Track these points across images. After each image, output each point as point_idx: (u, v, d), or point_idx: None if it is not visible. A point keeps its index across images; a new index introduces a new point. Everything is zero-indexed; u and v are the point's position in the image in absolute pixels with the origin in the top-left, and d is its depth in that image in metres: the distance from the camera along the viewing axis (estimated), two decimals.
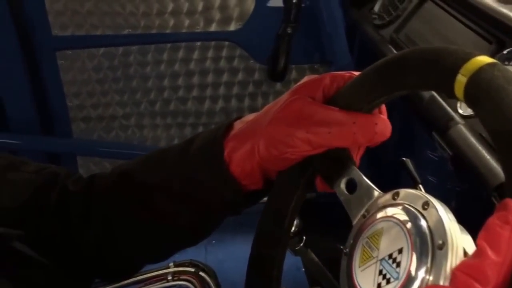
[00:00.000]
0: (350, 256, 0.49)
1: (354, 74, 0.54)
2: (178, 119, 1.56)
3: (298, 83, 0.57)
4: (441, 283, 0.39)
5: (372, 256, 0.46)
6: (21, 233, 0.53)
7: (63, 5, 1.33)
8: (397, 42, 1.15)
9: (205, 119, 1.57)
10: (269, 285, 0.56)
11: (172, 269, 1.42)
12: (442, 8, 1.09)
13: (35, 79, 1.40)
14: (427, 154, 1.11)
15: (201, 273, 1.41)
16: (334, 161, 0.54)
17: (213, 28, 1.41)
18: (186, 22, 1.39)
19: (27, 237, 0.55)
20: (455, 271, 0.32)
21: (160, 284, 1.41)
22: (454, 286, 0.32)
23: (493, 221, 0.32)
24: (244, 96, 1.55)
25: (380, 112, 0.54)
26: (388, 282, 0.43)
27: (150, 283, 1.40)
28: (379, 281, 0.44)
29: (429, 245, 0.41)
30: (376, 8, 1.29)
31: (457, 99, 0.40)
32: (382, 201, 0.49)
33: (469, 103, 0.39)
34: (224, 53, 1.46)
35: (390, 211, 0.47)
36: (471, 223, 0.44)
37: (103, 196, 0.63)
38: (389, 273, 0.43)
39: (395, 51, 1.14)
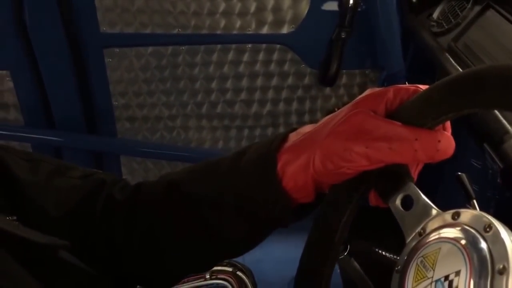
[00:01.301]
0: (402, 274, 0.50)
1: (420, 88, 0.55)
2: (224, 122, 1.59)
3: (360, 96, 0.58)
4: None
5: (427, 276, 0.47)
6: (67, 243, 0.55)
7: (112, 1, 1.37)
8: (455, 51, 1.15)
9: (251, 122, 1.60)
10: None
11: None
12: (504, 17, 1.08)
13: (81, 77, 1.44)
14: (471, 162, 1.10)
15: (239, 273, 1.44)
16: (391, 176, 0.55)
17: (265, 30, 1.43)
18: (238, 23, 1.41)
19: (72, 246, 0.58)
20: None
21: (198, 282, 1.44)
22: None
23: None
24: (293, 100, 1.56)
25: (444, 129, 0.54)
26: None
27: (188, 281, 1.44)
28: None
29: (489, 269, 0.42)
30: (435, 15, 1.29)
31: None
32: (440, 220, 0.50)
33: None
34: (275, 56, 1.48)
35: (449, 231, 0.48)
36: None
37: (149, 206, 0.66)
38: None
39: (452, 61, 1.13)
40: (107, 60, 1.45)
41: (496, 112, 0.92)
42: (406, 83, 1.44)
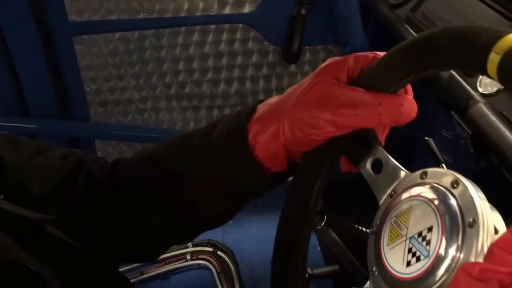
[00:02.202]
0: (378, 235, 0.49)
1: (379, 55, 0.54)
2: (193, 102, 1.56)
3: (322, 65, 0.56)
4: (472, 260, 0.39)
5: (401, 234, 0.46)
6: (54, 217, 0.54)
7: None
8: (414, 22, 1.14)
9: (220, 101, 1.57)
10: (296, 264, 0.56)
11: (190, 249, 1.44)
12: None
13: (53, 64, 1.40)
14: (442, 133, 1.11)
15: (219, 253, 1.43)
16: (359, 141, 0.54)
17: (227, 10, 1.39)
18: (200, 5, 1.38)
19: (58, 221, 0.56)
20: (493, 248, 0.32)
21: (179, 263, 1.42)
22: (491, 262, 0.31)
23: None
24: (259, 78, 1.54)
25: (406, 92, 0.53)
26: (418, 260, 0.43)
27: (170, 263, 1.42)
28: (408, 259, 0.44)
29: (460, 223, 0.41)
30: None
31: (490, 77, 0.40)
32: (409, 180, 0.49)
33: (503, 80, 0.39)
34: (238, 35, 1.45)
35: (418, 190, 0.47)
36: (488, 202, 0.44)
37: (128, 182, 0.64)
38: (419, 251, 0.43)
39: (411, 31, 1.12)
40: (77, 47, 1.41)
41: (459, 78, 0.91)
42: None
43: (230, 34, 1.45)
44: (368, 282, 0.49)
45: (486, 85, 0.88)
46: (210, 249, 1.44)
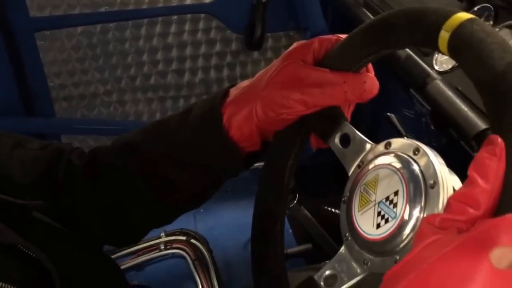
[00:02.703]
0: (349, 203, 0.53)
1: (341, 37, 0.58)
2: (159, 93, 1.58)
3: (289, 49, 0.60)
4: None
5: (370, 200, 0.50)
6: (43, 203, 0.56)
7: None
8: (371, 6, 1.19)
9: (185, 91, 1.59)
10: (275, 238, 0.60)
11: (163, 239, 1.46)
12: None
13: (15, 61, 1.38)
14: (403, 111, 1.16)
15: (193, 241, 1.46)
16: (328, 118, 0.58)
17: (189, 1, 1.41)
18: None
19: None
20: (450, 200, 0.37)
21: (153, 253, 1.44)
22: (449, 213, 0.36)
23: (481, 154, 0.36)
24: (223, 66, 1.57)
25: (368, 71, 0.58)
26: (386, 221, 0.48)
27: (143, 254, 1.44)
28: (378, 222, 0.48)
29: (422, 186, 0.46)
30: None
31: (442, 53, 0.45)
32: (375, 151, 0.53)
33: (453, 55, 0.43)
34: (200, 25, 1.47)
35: (384, 159, 0.51)
36: None
37: (108, 168, 0.66)
38: (387, 213, 0.48)
39: (369, 14, 1.17)
40: (39, 43, 1.40)
41: (416, 57, 0.96)
42: None
43: (192, 24, 1.47)
44: (342, 247, 0.53)
45: (442, 62, 0.94)
46: (183, 238, 1.47)
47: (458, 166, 0.55)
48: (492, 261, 0.31)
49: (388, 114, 0.77)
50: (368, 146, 0.55)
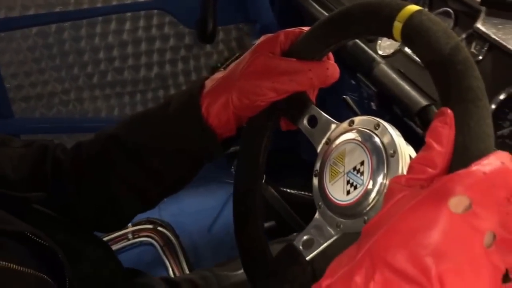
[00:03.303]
0: (320, 176, 0.60)
1: (304, 29, 0.64)
2: (116, 89, 1.60)
3: (257, 43, 0.66)
4: None
5: (339, 171, 0.57)
6: (42, 194, 0.59)
7: None
8: None
9: (142, 86, 1.62)
10: (255, 212, 0.66)
11: (130, 229, 1.49)
12: None
13: None
14: (352, 93, 1.24)
15: (159, 228, 1.50)
16: (296, 103, 0.64)
17: None
18: None
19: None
20: (412, 163, 0.44)
21: (122, 243, 1.47)
22: (412, 173, 0.43)
23: (435, 124, 0.43)
24: (177, 60, 1.60)
25: (328, 58, 0.64)
26: (355, 188, 0.54)
27: (112, 244, 1.47)
28: (348, 189, 0.55)
29: (384, 155, 0.53)
30: None
31: (395, 40, 0.51)
32: (340, 129, 0.60)
33: (406, 42, 0.50)
34: (154, 21, 1.50)
35: (349, 135, 0.58)
36: None
37: (93, 160, 0.70)
38: (355, 181, 0.55)
39: (316, 6, 1.24)
40: None
41: (362, 44, 1.03)
42: None
43: (146, 21, 1.50)
44: (316, 214, 0.60)
45: (385, 48, 1.02)
46: (150, 226, 1.50)
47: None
48: (451, 208, 0.38)
49: (344, 96, 0.84)
50: (333, 125, 0.61)
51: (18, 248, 0.54)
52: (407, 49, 0.97)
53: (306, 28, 0.64)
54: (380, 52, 1.01)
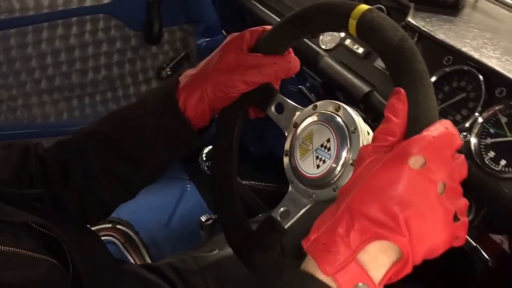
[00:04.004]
0: (290, 155, 0.69)
1: (266, 28, 0.73)
2: (64, 93, 1.61)
3: (225, 41, 0.74)
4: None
5: (309, 149, 0.66)
6: (40, 190, 0.64)
7: None
8: None
9: (90, 89, 1.64)
10: (232, 193, 0.74)
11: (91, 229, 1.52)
12: None
13: None
14: (289, 88, 1.33)
15: (118, 226, 1.54)
16: (264, 93, 0.73)
17: (88, 3, 1.47)
18: (61, 0, 1.44)
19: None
20: (375, 134, 0.53)
21: None
22: (376, 142, 0.53)
23: (391, 100, 0.53)
24: (124, 62, 1.64)
25: (289, 53, 0.73)
26: (324, 162, 0.64)
27: None
28: (317, 163, 0.64)
29: (346, 132, 0.63)
30: None
31: (351, 35, 0.61)
32: (305, 113, 0.69)
33: (360, 36, 0.60)
34: (100, 25, 1.53)
35: (313, 117, 0.67)
36: None
37: (76, 156, 0.75)
38: (323, 156, 0.64)
39: (260, 6, 1.33)
40: None
41: (306, 40, 1.13)
42: (223, 31, 1.62)
43: (92, 25, 1.52)
44: (290, 189, 0.68)
45: (327, 42, 1.12)
46: (109, 225, 1.54)
47: None
48: (410, 165, 0.48)
49: (300, 86, 0.94)
50: (298, 110, 0.70)
51: (28, 237, 0.59)
52: (347, 43, 1.08)
53: (268, 27, 0.73)
54: (323, 47, 1.12)
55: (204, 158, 1.31)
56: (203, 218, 1.25)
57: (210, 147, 1.30)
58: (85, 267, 0.63)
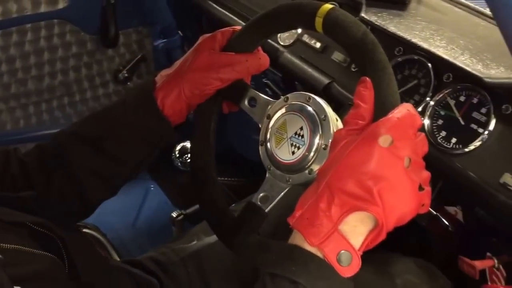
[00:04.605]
0: (266, 144, 0.75)
1: (236, 28, 0.79)
2: (20, 101, 1.61)
3: (198, 42, 0.79)
4: (330, 140, 0.68)
5: (283, 137, 0.73)
6: (34, 193, 0.68)
7: None
8: None
9: (47, 95, 1.64)
10: (213, 183, 0.79)
11: None
12: None
13: None
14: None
15: (85, 230, 1.56)
16: (237, 88, 0.79)
17: (42, 9, 1.48)
18: (14, 7, 1.44)
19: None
20: (347, 119, 0.61)
21: None
22: (348, 126, 0.60)
23: (359, 88, 0.60)
24: (80, 67, 1.65)
25: (258, 50, 0.80)
26: (298, 148, 0.70)
27: None
28: (292, 150, 0.71)
29: (317, 120, 0.70)
30: None
31: (318, 32, 0.68)
32: (278, 104, 0.75)
33: (327, 33, 0.67)
34: (55, 30, 1.54)
35: (286, 108, 0.74)
36: None
37: (59, 157, 0.79)
38: (298, 143, 0.71)
39: (214, 5, 1.38)
40: None
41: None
42: (179, 32, 1.67)
43: (47, 31, 1.53)
44: (267, 175, 0.75)
45: (285, 39, 1.19)
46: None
47: None
48: (380, 144, 0.55)
49: (266, 81, 1.00)
50: (270, 102, 0.77)
51: (27, 236, 0.63)
52: (304, 38, 1.15)
53: (237, 27, 0.79)
54: (281, 43, 1.19)
55: (178, 155, 1.35)
56: (174, 215, 1.30)
57: (182, 144, 1.35)
58: (80, 262, 0.67)
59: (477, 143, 0.83)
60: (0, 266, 0.51)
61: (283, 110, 0.74)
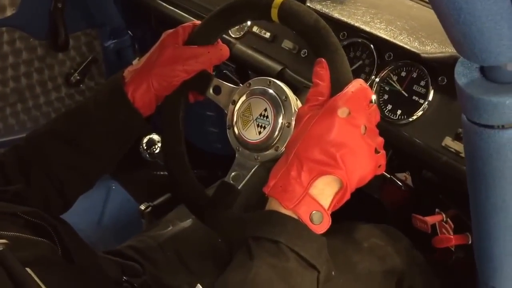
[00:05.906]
0: (233, 127, 0.82)
1: (196, 23, 0.85)
2: None
3: (162, 38, 0.85)
4: (293, 119, 0.75)
5: (249, 120, 0.80)
6: (21, 186, 0.72)
7: None
8: None
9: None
10: (187, 168, 0.86)
11: None
12: None
13: None
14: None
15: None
16: (201, 78, 0.85)
17: None
18: None
19: None
20: (308, 97, 0.68)
21: None
22: (310, 103, 0.68)
23: (316, 69, 0.68)
24: (32, 72, 1.66)
25: (218, 42, 0.86)
26: (264, 128, 0.78)
27: None
28: (259, 130, 0.78)
29: (279, 101, 0.77)
30: None
31: (274, 22, 0.75)
32: (241, 90, 0.83)
33: (282, 22, 0.74)
34: (4, 38, 1.55)
35: (250, 93, 0.81)
36: None
37: (36, 155, 0.83)
38: (263, 123, 0.78)
39: (164, 4, 1.43)
40: None
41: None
42: (129, 32, 1.70)
43: None
44: (236, 156, 0.82)
45: (235, 31, 1.26)
46: None
47: None
48: (339, 115, 0.63)
49: (224, 71, 1.07)
50: (234, 88, 0.83)
51: (21, 224, 0.67)
52: (254, 29, 1.22)
53: (197, 22, 0.85)
54: (233, 35, 1.25)
55: (145, 147, 1.40)
56: (142, 207, 1.34)
57: (149, 136, 1.40)
58: (73, 247, 0.72)
59: (419, 112, 0.93)
60: (9, 250, 0.56)
61: (247, 95, 0.81)
